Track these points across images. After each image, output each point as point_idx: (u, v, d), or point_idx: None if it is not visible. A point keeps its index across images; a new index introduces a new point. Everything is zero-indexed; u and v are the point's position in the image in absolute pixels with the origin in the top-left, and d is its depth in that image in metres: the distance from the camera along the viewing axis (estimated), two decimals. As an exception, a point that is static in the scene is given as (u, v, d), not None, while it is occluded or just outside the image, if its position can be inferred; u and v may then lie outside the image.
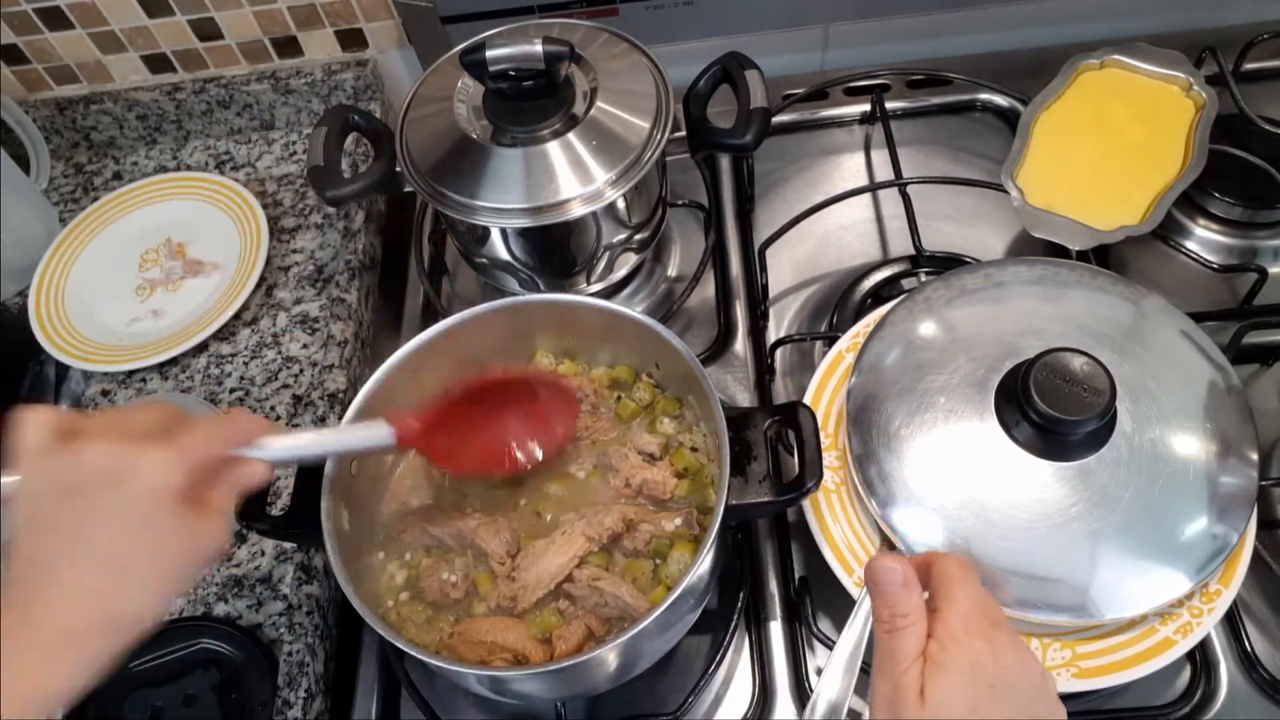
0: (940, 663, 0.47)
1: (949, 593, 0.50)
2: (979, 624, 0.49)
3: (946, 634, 0.48)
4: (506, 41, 0.76)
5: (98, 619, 0.47)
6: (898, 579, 0.50)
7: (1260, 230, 0.91)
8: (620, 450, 0.72)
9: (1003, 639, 0.49)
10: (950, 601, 0.49)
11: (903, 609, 0.50)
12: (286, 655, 0.75)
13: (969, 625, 0.48)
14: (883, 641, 0.50)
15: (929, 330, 0.72)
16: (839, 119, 1.06)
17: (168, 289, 0.99)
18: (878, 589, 0.51)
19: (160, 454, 0.49)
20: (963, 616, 0.49)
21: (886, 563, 0.51)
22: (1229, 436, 0.65)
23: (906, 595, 0.50)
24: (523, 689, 0.67)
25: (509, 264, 0.87)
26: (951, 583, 0.50)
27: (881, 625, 0.50)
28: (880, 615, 0.51)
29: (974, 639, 0.48)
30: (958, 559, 0.52)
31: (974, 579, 0.51)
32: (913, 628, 0.49)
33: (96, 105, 1.09)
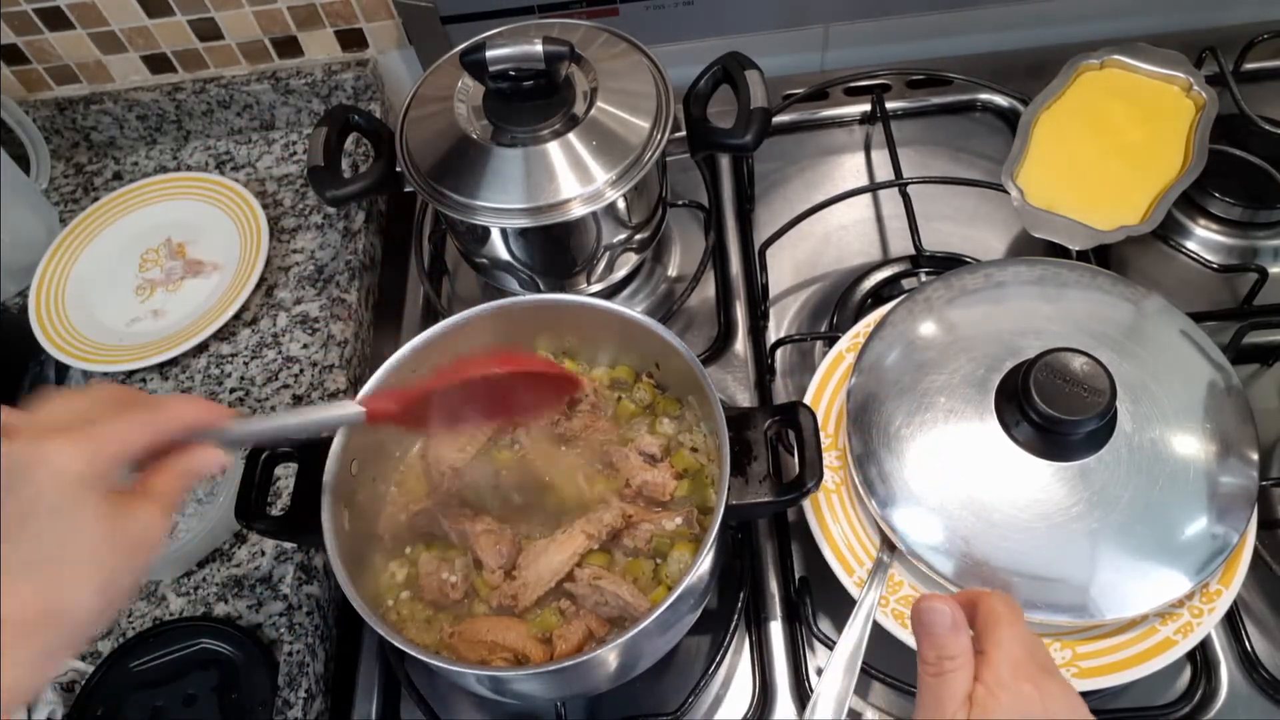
0: (988, 709, 0.46)
1: (996, 635, 0.48)
2: (1027, 669, 0.47)
3: (993, 678, 0.47)
4: (506, 41, 0.76)
5: (32, 614, 0.45)
6: (947, 621, 0.49)
7: (1260, 230, 0.91)
8: (621, 450, 0.72)
9: (1051, 686, 0.47)
10: (998, 645, 0.48)
11: (950, 651, 0.48)
12: (286, 655, 0.75)
13: (1017, 670, 0.47)
14: (928, 684, 0.48)
15: (929, 330, 0.72)
16: (839, 119, 1.06)
17: (168, 289, 0.99)
18: (925, 630, 0.49)
19: (65, 443, 0.47)
20: (1011, 661, 0.47)
21: (934, 604, 0.49)
22: (1229, 436, 0.65)
23: (955, 638, 0.48)
24: (523, 689, 0.67)
25: (509, 264, 0.87)
26: (999, 624, 0.49)
27: (928, 667, 0.49)
28: (926, 657, 0.49)
29: (1022, 684, 0.46)
30: (1005, 598, 0.50)
31: (1021, 621, 0.49)
32: (960, 671, 0.47)
33: (96, 105, 1.09)
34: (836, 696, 0.61)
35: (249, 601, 0.80)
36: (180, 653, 0.76)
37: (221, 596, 0.80)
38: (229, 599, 0.80)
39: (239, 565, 0.82)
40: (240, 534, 0.83)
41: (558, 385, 0.70)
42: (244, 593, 0.80)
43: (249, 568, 0.82)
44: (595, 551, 0.68)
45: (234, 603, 0.80)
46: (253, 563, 0.82)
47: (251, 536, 0.83)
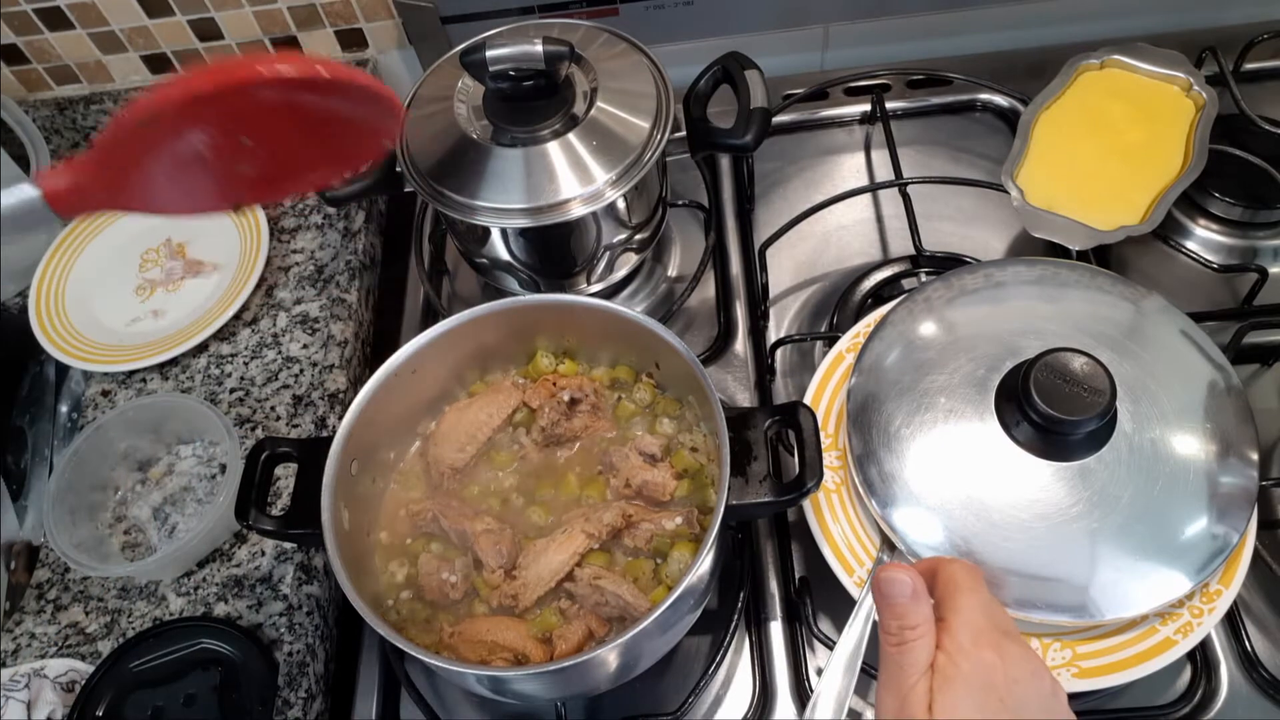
0: (949, 676, 0.46)
1: (956, 602, 0.48)
2: (988, 635, 0.47)
3: (955, 646, 0.47)
4: (506, 41, 0.76)
5: None
6: (906, 590, 0.49)
7: (1260, 230, 0.91)
8: (621, 450, 0.72)
9: (1013, 650, 0.47)
10: (957, 611, 0.48)
11: (911, 620, 0.48)
12: (286, 655, 0.76)
13: (978, 637, 0.47)
14: (889, 654, 0.48)
15: (929, 330, 0.72)
16: (839, 119, 1.06)
17: (168, 289, 0.99)
18: (885, 600, 0.49)
19: None
20: (971, 627, 0.47)
21: (894, 574, 0.49)
22: (1229, 436, 0.65)
23: (915, 607, 0.48)
24: (523, 689, 0.67)
25: (509, 264, 0.87)
26: (959, 591, 0.49)
27: (889, 637, 0.49)
28: (888, 627, 0.49)
29: (983, 650, 0.46)
30: (965, 565, 0.50)
31: (982, 587, 0.50)
32: (921, 640, 0.47)
33: (96, 105, 1.09)
34: (836, 696, 0.61)
35: (249, 601, 0.80)
36: (180, 653, 0.76)
37: (221, 596, 0.80)
38: (229, 599, 0.80)
39: (239, 565, 0.82)
40: (240, 534, 0.83)
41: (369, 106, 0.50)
42: (244, 593, 0.80)
43: (249, 568, 0.82)
44: (595, 551, 0.68)
45: (234, 603, 0.80)
46: (253, 563, 0.82)
47: (251, 536, 0.83)
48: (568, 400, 0.75)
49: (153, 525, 0.84)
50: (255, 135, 0.44)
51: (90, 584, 0.82)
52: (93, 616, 0.81)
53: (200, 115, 0.42)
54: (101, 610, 0.81)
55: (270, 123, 0.44)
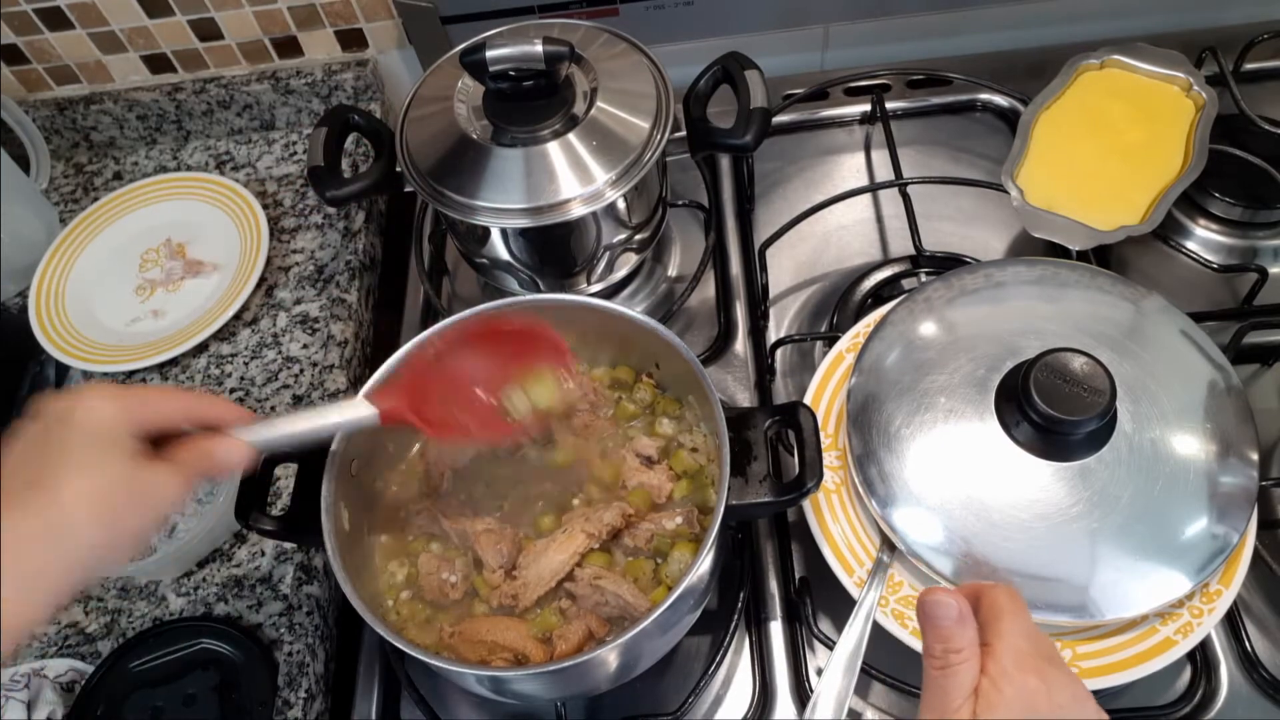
0: (993, 702, 0.46)
1: (1000, 627, 0.48)
2: (1032, 660, 0.47)
3: (999, 670, 0.46)
4: (506, 41, 0.76)
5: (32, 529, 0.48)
6: (953, 614, 0.48)
7: (1260, 230, 0.91)
8: (618, 452, 0.72)
9: (1057, 676, 0.47)
10: (1001, 636, 0.48)
11: (956, 644, 0.47)
12: (286, 655, 0.75)
13: (1022, 661, 0.46)
14: (933, 677, 0.48)
15: (929, 330, 0.72)
16: (839, 119, 1.06)
17: (168, 289, 0.99)
18: (931, 623, 0.49)
19: (105, 395, 0.52)
20: (1015, 652, 0.47)
21: (940, 597, 0.49)
22: (1229, 436, 0.65)
23: (961, 631, 0.48)
24: (523, 689, 0.67)
25: (509, 264, 0.87)
26: (1003, 616, 0.48)
27: (933, 660, 0.48)
28: (932, 650, 0.48)
29: (1028, 676, 0.46)
30: (1008, 590, 0.50)
31: (1025, 612, 0.49)
32: (966, 664, 0.47)
33: (96, 105, 1.09)
34: (836, 696, 0.61)
35: (249, 601, 0.80)
36: (180, 653, 0.76)
37: (221, 596, 0.80)
38: (229, 599, 0.80)
39: (239, 565, 0.82)
40: (240, 534, 0.83)
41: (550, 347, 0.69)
42: (244, 593, 0.80)
43: (249, 568, 0.82)
44: (596, 551, 0.68)
45: (234, 603, 0.80)
46: (253, 563, 0.82)
47: (251, 536, 0.83)
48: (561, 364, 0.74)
49: (153, 525, 0.84)
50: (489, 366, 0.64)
51: (90, 584, 0.82)
52: (93, 616, 0.81)
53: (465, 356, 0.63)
54: (101, 610, 0.81)
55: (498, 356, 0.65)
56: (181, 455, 0.54)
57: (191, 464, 0.54)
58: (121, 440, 0.51)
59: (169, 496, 0.52)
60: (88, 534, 0.49)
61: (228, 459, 0.56)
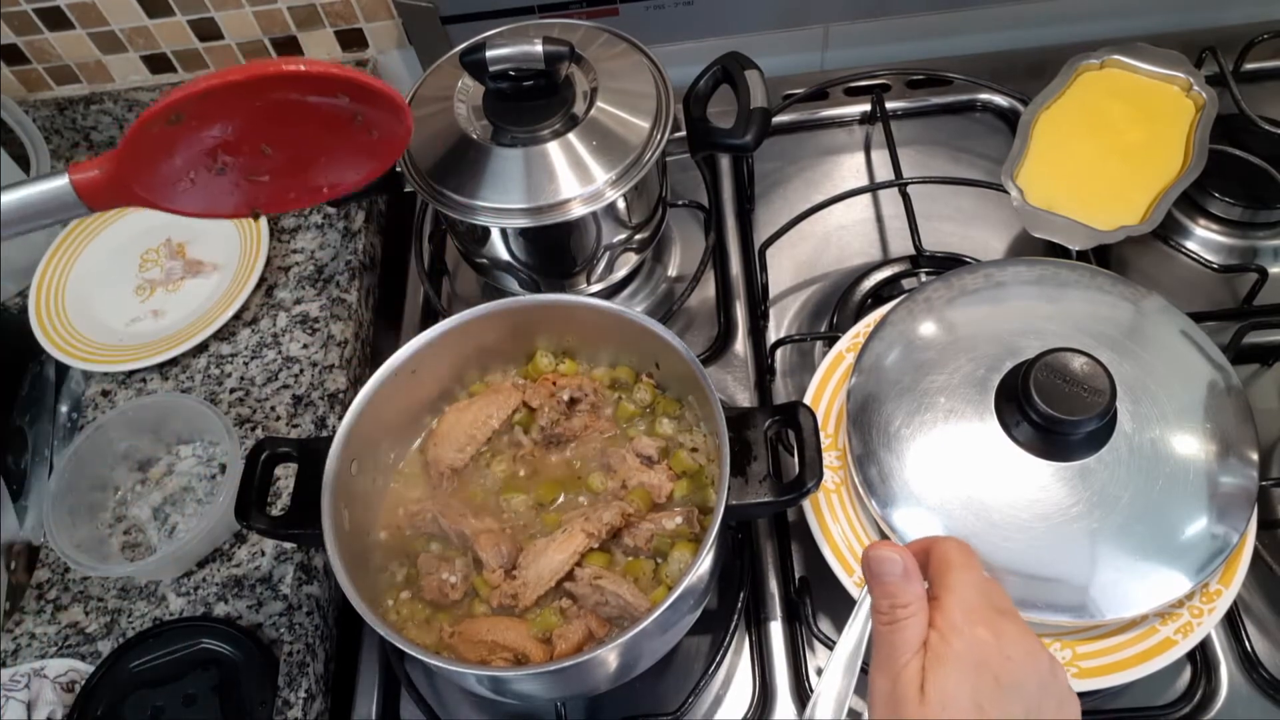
0: (942, 655, 0.45)
1: (949, 580, 0.47)
2: (982, 612, 0.46)
3: (947, 624, 0.46)
4: (506, 41, 0.76)
5: None
6: (897, 569, 0.48)
7: (1260, 230, 0.91)
8: (619, 451, 0.72)
9: (1009, 628, 0.46)
10: (950, 589, 0.47)
11: (903, 599, 0.47)
12: (286, 655, 0.75)
13: (971, 614, 0.46)
14: (881, 634, 0.47)
15: (929, 330, 0.72)
16: (839, 119, 1.06)
17: (168, 289, 0.99)
18: (876, 579, 0.48)
19: None
20: (965, 605, 0.46)
21: (885, 552, 0.48)
22: (1229, 436, 0.65)
23: (907, 585, 0.47)
24: (523, 689, 0.67)
25: (509, 264, 0.87)
26: (951, 569, 0.48)
27: (880, 616, 0.48)
28: (879, 606, 0.48)
29: (977, 628, 0.45)
30: (958, 543, 0.49)
31: (975, 564, 0.48)
32: (914, 618, 0.46)
33: (96, 105, 1.09)
34: (836, 696, 0.61)
35: (249, 601, 0.80)
36: (180, 653, 0.76)
37: (221, 596, 0.80)
38: (229, 599, 0.80)
39: (239, 565, 0.82)
40: (240, 534, 0.83)
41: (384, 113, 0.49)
42: (244, 593, 0.80)
43: (249, 568, 0.82)
44: (596, 551, 0.68)
45: (234, 603, 0.80)
46: (253, 563, 0.82)
47: (251, 536, 0.83)
48: (567, 400, 0.75)
49: (153, 525, 0.84)
50: (273, 141, 0.46)
51: (90, 584, 0.82)
52: (93, 616, 0.81)
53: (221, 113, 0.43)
54: (101, 610, 0.81)
55: (286, 128, 0.45)
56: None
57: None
58: None
59: None
60: None
61: None
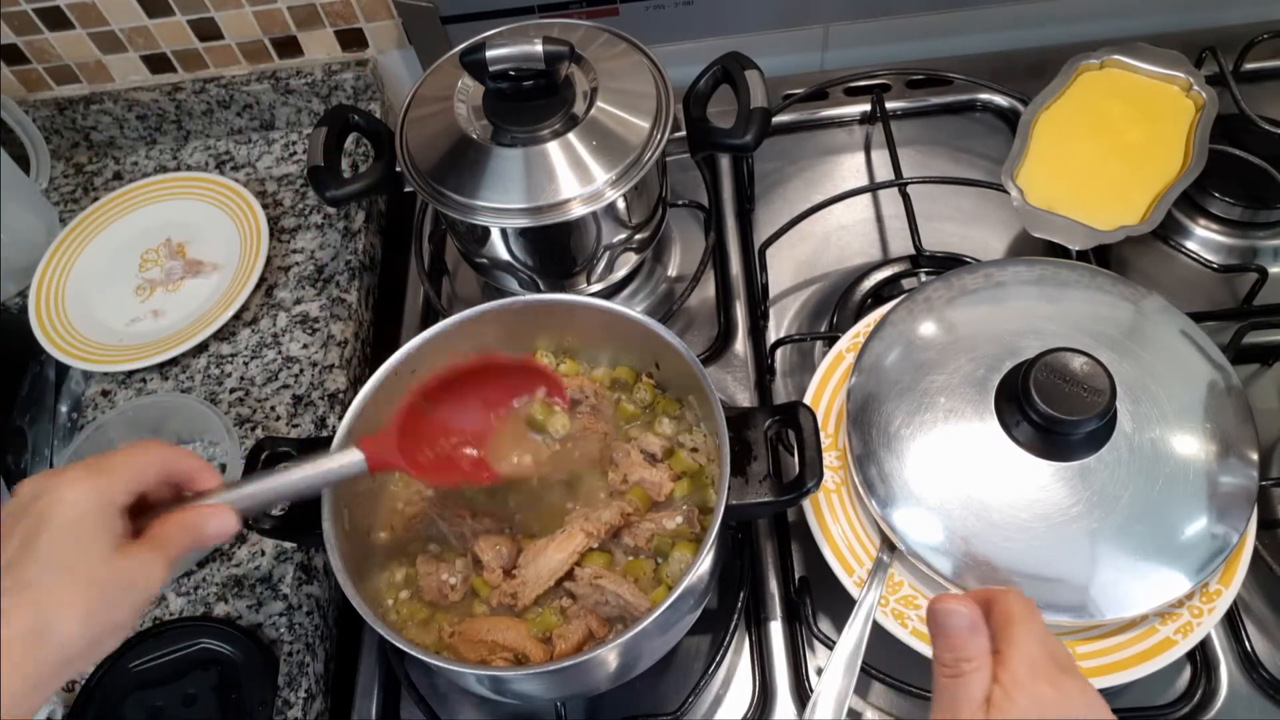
0: (1004, 711, 0.45)
1: (1012, 634, 0.47)
2: (1045, 669, 0.46)
3: (1011, 679, 0.45)
4: (506, 41, 0.76)
5: (22, 629, 0.46)
6: (964, 622, 0.47)
7: (1260, 230, 0.91)
8: (623, 446, 0.72)
9: (1070, 685, 0.46)
10: (1013, 644, 0.46)
11: (967, 653, 0.47)
12: (286, 655, 0.75)
13: (1035, 670, 0.46)
14: (944, 686, 0.47)
15: (929, 330, 0.72)
16: (839, 119, 1.06)
17: (168, 289, 0.99)
18: (942, 632, 0.48)
19: (77, 476, 0.50)
20: (1028, 660, 0.46)
21: (952, 605, 0.48)
22: (1229, 436, 0.65)
23: (972, 640, 0.47)
24: (523, 689, 0.67)
25: (509, 264, 0.87)
26: (1014, 623, 0.47)
27: (944, 669, 0.47)
28: (943, 659, 0.48)
29: (1040, 684, 0.45)
30: (1021, 597, 0.49)
31: (1038, 619, 0.48)
32: (977, 673, 0.46)
33: (96, 105, 1.09)
34: (836, 696, 0.61)
35: (249, 601, 0.80)
36: (180, 653, 0.76)
37: (221, 596, 0.80)
38: (229, 599, 0.80)
39: (239, 565, 0.82)
40: (240, 534, 0.83)
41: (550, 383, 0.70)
42: (244, 593, 0.80)
43: (249, 568, 0.82)
44: (596, 551, 0.68)
45: (234, 603, 0.80)
46: (253, 563, 0.82)
47: (251, 536, 0.83)
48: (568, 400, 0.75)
49: (153, 525, 0.84)
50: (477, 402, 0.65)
51: (90, 584, 0.82)
52: (93, 616, 0.80)
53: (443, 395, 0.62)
54: (101, 610, 0.81)
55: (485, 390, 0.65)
56: (164, 531, 0.52)
57: (175, 541, 0.52)
58: (98, 532, 0.49)
59: (151, 584, 0.50)
60: (69, 635, 0.47)
61: (214, 531, 0.54)
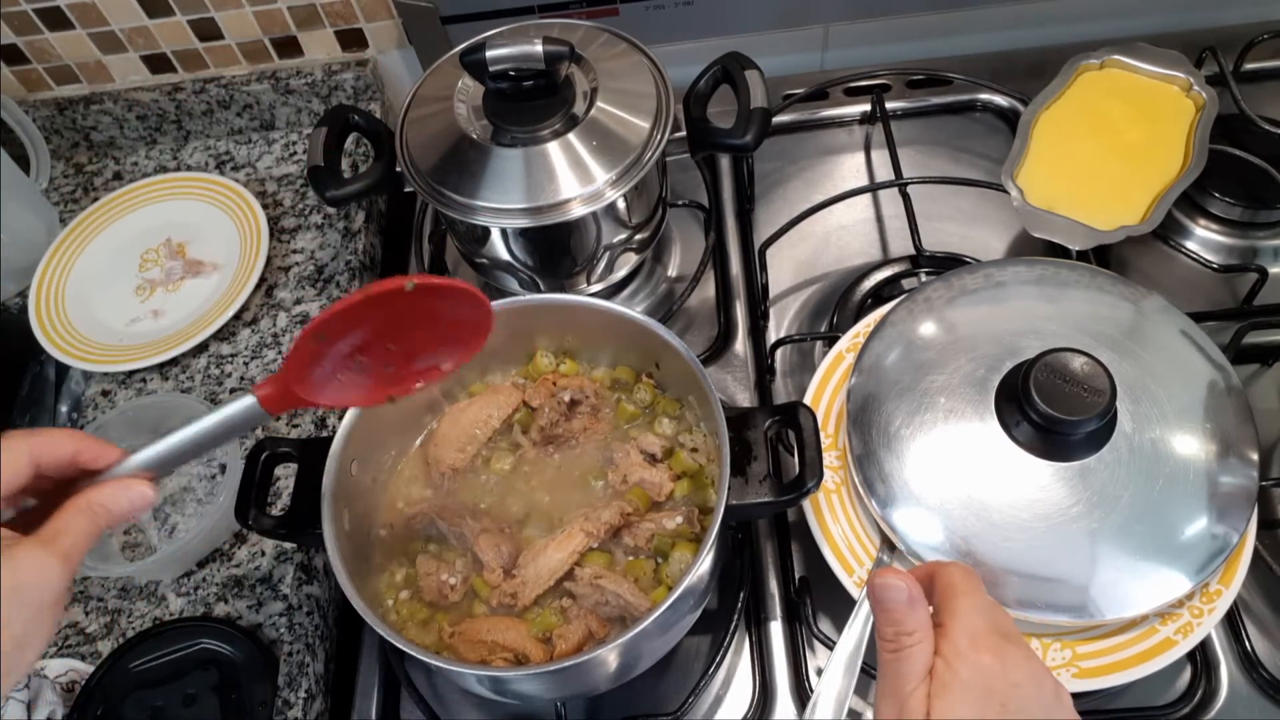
0: (947, 682, 0.45)
1: (954, 606, 0.47)
2: (987, 638, 0.46)
3: (953, 651, 0.46)
4: (506, 41, 0.76)
5: None
6: (902, 596, 0.48)
7: (1260, 230, 0.91)
8: (623, 446, 0.72)
9: (1014, 653, 0.46)
10: (955, 615, 0.47)
11: (908, 626, 0.47)
12: (286, 655, 0.75)
13: (976, 640, 0.46)
14: (887, 661, 0.48)
15: (929, 330, 0.72)
16: (839, 119, 1.06)
17: (168, 289, 0.99)
18: (881, 606, 0.48)
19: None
20: (969, 631, 0.46)
21: (890, 579, 0.48)
22: (1229, 436, 0.65)
23: (911, 612, 0.47)
24: (523, 689, 0.67)
25: (509, 264, 0.87)
26: (956, 594, 0.48)
27: (886, 644, 0.48)
28: (884, 634, 0.48)
29: (982, 654, 0.45)
30: (962, 568, 0.50)
31: (980, 589, 0.49)
32: (919, 645, 0.47)
33: (96, 105, 1.09)
34: (836, 696, 0.61)
35: (249, 601, 0.80)
36: (180, 653, 0.76)
37: (221, 596, 0.80)
38: (229, 599, 0.80)
39: (239, 565, 0.82)
40: (240, 534, 0.83)
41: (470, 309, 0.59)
42: (244, 593, 0.80)
43: (249, 568, 0.82)
44: (596, 551, 0.68)
45: (234, 603, 0.80)
46: (253, 563, 0.82)
47: (251, 536, 0.83)
48: (568, 400, 0.75)
49: (153, 525, 0.84)
50: (394, 339, 0.57)
51: (90, 584, 0.82)
52: (93, 616, 0.81)
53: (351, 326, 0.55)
54: (101, 610, 0.81)
55: (403, 329, 0.57)
56: (56, 523, 0.46)
57: (73, 529, 0.47)
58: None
59: (47, 585, 0.45)
60: None
61: (126, 507, 0.49)
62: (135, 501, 0.50)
